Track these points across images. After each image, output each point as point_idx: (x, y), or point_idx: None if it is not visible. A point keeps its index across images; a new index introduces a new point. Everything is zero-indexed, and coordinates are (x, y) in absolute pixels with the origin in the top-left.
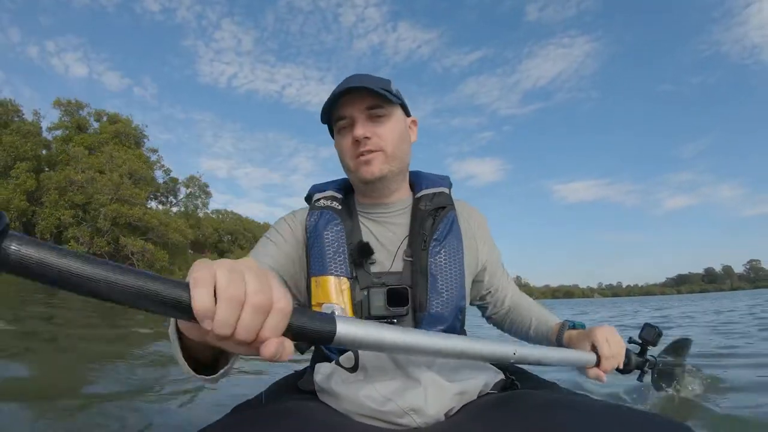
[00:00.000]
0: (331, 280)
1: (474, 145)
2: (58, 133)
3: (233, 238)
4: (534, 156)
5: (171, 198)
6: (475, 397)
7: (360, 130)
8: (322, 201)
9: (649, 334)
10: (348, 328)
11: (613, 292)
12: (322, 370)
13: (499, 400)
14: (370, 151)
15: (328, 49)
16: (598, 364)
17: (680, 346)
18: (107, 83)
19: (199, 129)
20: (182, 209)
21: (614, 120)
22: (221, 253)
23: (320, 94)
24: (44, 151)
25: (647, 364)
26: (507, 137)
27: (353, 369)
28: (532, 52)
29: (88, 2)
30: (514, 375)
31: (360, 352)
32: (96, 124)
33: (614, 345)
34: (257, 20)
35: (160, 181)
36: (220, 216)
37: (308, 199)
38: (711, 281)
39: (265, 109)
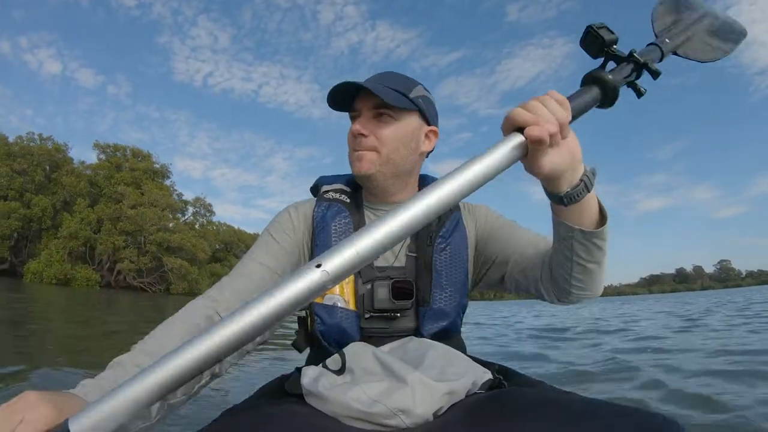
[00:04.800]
0: None
1: (452, 146)
2: (93, 159)
3: (228, 247)
4: None
5: (179, 215)
6: (463, 397)
7: (357, 126)
8: (330, 193)
9: (595, 40)
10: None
11: None
12: (309, 372)
13: (487, 399)
14: (363, 149)
15: (305, 48)
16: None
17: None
18: (81, 80)
19: (174, 128)
20: (189, 223)
21: (591, 121)
22: (219, 261)
23: (297, 93)
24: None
25: (635, 64)
26: (485, 138)
27: (340, 371)
28: (512, 52)
29: None
30: (501, 374)
31: (347, 354)
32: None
33: (534, 104)
34: (234, 17)
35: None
36: (215, 227)
37: (314, 190)
38: (682, 281)
39: (242, 108)
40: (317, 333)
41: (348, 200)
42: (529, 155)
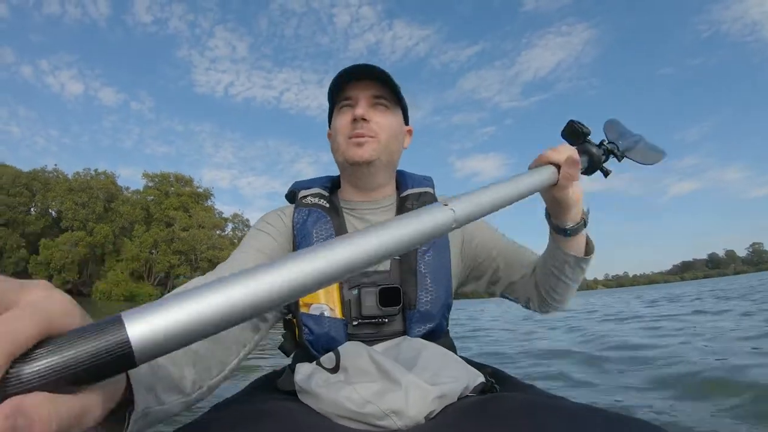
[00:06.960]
0: None
1: (476, 141)
2: (139, 185)
3: None
4: (536, 148)
5: (219, 231)
6: (455, 400)
7: (360, 110)
8: (309, 198)
9: (577, 131)
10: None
11: (618, 282)
12: (303, 370)
13: (479, 402)
14: (365, 135)
15: (324, 52)
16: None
17: (614, 126)
18: (104, 99)
19: (199, 140)
20: (229, 237)
21: (616, 107)
22: None
23: (319, 97)
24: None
25: (606, 152)
26: (509, 131)
27: (334, 370)
28: (531, 42)
29: (78, 17)
30: (493, 377)
31: (341, 353)
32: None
33: (562, 147)
34: (251, 26)
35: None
36: None
37: (290, 196)
38: (715, 267)
39: (264, 115)
40: (306, 342)
41: (327, 204)
42: (558, 184)
